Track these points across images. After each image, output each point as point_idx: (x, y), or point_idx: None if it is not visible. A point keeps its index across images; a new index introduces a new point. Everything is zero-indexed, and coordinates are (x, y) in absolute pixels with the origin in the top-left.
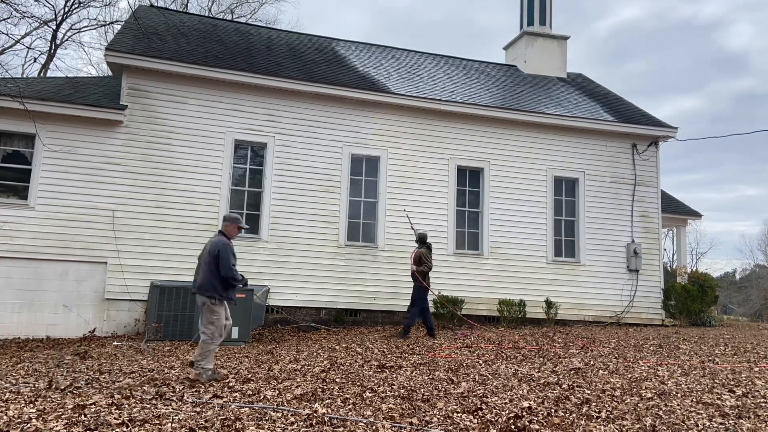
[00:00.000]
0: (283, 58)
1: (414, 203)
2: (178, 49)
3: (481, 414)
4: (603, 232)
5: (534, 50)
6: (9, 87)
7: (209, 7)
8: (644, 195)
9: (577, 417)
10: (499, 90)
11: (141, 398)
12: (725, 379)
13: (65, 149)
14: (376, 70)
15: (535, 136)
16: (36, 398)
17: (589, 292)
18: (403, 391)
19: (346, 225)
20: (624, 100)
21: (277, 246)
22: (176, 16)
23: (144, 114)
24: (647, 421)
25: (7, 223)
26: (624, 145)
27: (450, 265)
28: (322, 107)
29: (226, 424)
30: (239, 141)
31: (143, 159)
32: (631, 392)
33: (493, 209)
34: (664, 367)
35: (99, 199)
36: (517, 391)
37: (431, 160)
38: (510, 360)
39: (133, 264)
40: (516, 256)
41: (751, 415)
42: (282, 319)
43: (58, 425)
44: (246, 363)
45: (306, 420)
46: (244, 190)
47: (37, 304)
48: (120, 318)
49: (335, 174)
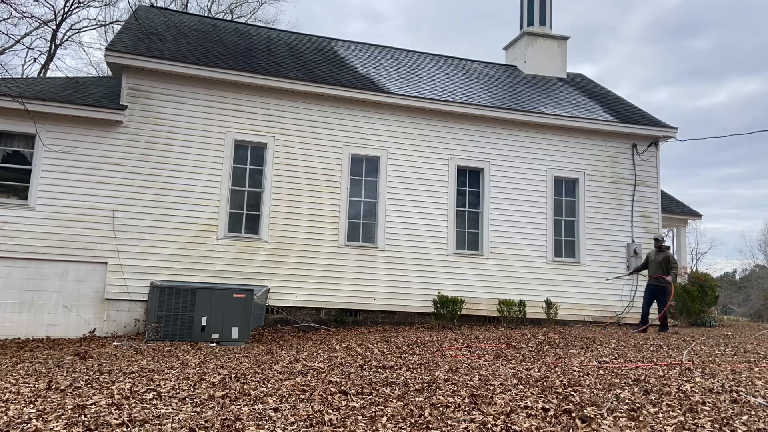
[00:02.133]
0: (283, 58)
1: (414, 203)
2: (178, 49)
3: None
4: (603, 233)
5: (534, 50)
6: (9, 87)
7: (209, 7)
8: (644, 195)
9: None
10: (499, 90)
11: (141, 398)
12: (725, 379)
13: (65, 149)
14: (376, 71)
15: (535, 136)
16: (36, 398)
17: (589, 293)
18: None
19: (346, 225)
20: (624, 100)
21: (277, 246)
22: (176, 16)
23: (144, 114)
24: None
25: (7, 223)
26: (624, 145)
27: (450, 265)
28: (322, 107)
29: (226, 424)
30: (239, 141)
31: (143, 159)
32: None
33: (493, 209)
34: (663, 367)
35: (99, 199)
36: (517, 390)
37: (431, 160)
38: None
39: (133, 264)
40: (516, 257)
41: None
42: (282, 319)
43: (58, 425)
44: (246, 363)
45: (306, 420)
46: (244, 190)
47: (37, 304)
48: (120, 318)
49: (335, 174)
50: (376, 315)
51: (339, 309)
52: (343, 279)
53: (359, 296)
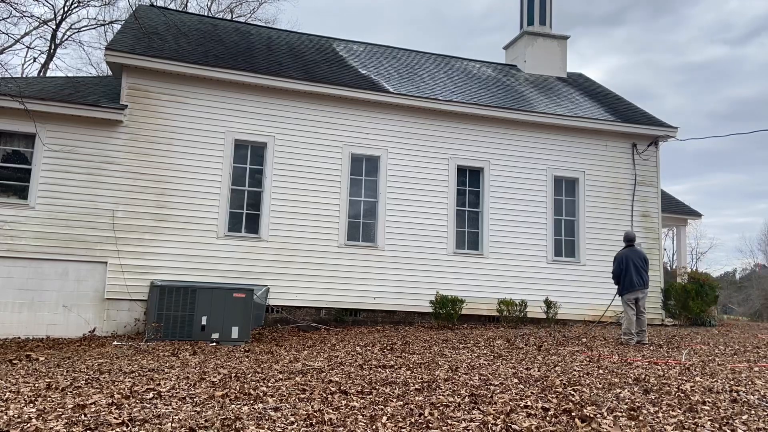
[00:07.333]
0: (283, 58)
1: (414, 203)
2: (178, 48)
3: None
4: (603, 232)
5: (534, 50)
6: (9, 87)
7: (209, 7)
8: (644, 195)
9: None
10: (499, 90)
11: (141, 398)
12: (725, 379)
13: (65, 149)
14: (376, 70)
15: (535, 135)
16: (36, 398)
17: (589, 292)
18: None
19: (346, 225)
20: (624, 99)
21: (277, 245)
22: (176, 15)
23: (144, 114)
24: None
25: (7, 223)
26: (624, 144)
27: (450, 265)
28: (322, 107)
29: (226, 424)
30: (239, 140)
31: (143, 159)
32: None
33: (493, 209)
34: (661, 366)
35: (99, 198)
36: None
37: (431, 160)
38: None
39: (133, 264)
40: (516, 256)
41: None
42: (282, 318)
43: (58, 425)
44: (246, 362)
45: (306, 419)
46: (244, 190)
47: (37, 303)
48: (120, 318)
49: (335, 174)
50: (376, 314)
51: (339, 308)
52: (343, 278)
53: (359, 296)
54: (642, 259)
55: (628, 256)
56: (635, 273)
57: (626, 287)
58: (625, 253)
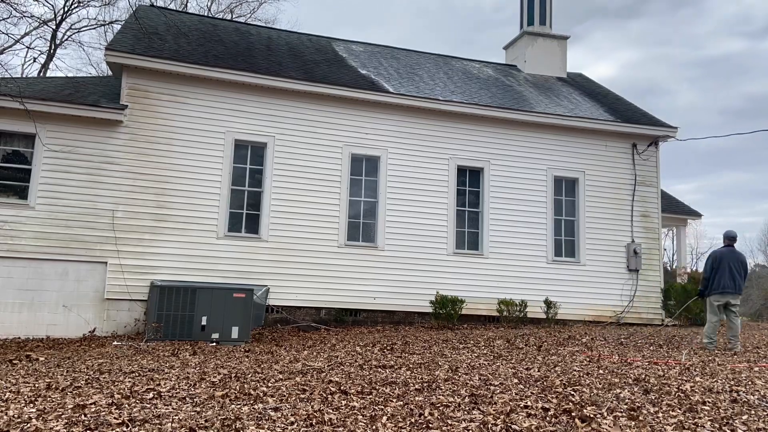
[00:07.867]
0: (283, 58)
1: (414, 203)
2: (178, 48)
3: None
4: (603, 232)
5: (534, 50)
6: (9, 87)
7: (209, 7)
8: (644, 195)
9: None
10: (499, 90)
11: (141, 398)
12: (725, 379)
13: (65, 149)
14: (376, 70)
15: (535, 136)
16: (36, 398)
17: (589, 292)
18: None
19: (346, 225)
20: (624, 99)
21: (277, 246)
22: (176, 15)
23: (144, 114)
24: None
25: (7, 223)
26: (624, 144)
27: (450, 265)
28: (322, 107)
29: (226, 424)
30: (239, 141)
31: (143, 159)
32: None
33: (493, 209)
34: (661, 365)
35: (99, 198)
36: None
37: (431, 160)
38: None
39: (133, 264)
40: (516, 256)
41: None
42: (282, 318)
43: (58, 425)
44: (246, 362)
45: (306, 419)
46: (244, 190)
47: (37, 303)
48: (120, 318)
49: (335, 174)
50: (376, 314)
51: (339, 308)
52: (343, 279)
53: (359, 296)
54: (740, 262)
55: (725, 256)
56: (729, 276)
57: (714, 288)
58: (722, 252)
